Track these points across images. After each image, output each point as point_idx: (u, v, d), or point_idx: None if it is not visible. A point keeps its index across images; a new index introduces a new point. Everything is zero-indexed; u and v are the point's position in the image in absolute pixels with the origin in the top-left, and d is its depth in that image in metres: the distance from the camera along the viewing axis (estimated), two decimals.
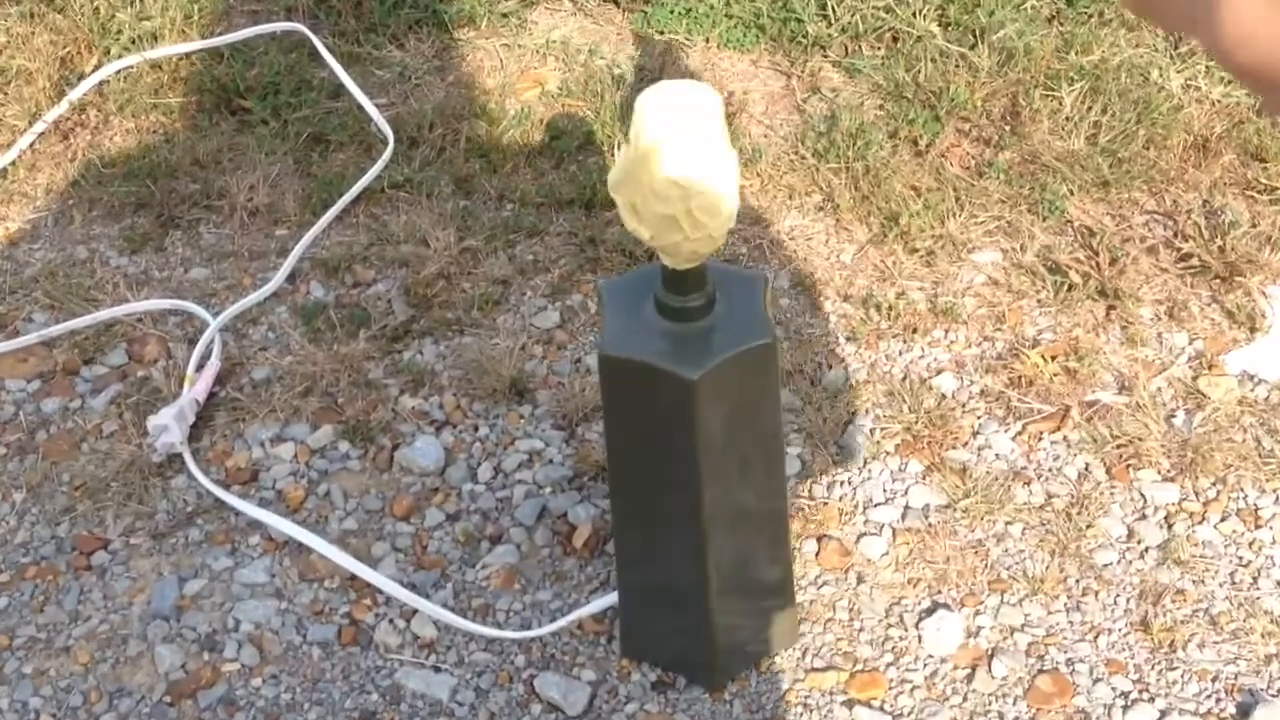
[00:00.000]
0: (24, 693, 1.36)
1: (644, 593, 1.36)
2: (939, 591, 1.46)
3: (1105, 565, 1.48)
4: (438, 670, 1.40)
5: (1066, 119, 2.04)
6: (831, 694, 1.37)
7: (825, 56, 2.22)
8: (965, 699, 1.37)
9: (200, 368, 1.69)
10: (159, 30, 2.28)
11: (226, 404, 1.67)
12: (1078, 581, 1.47)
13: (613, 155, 2.03)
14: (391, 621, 1.44)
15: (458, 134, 2.09)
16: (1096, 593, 1.46)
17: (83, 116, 2.13)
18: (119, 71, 2.19)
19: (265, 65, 2.22)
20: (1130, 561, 1.49)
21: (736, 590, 1.32)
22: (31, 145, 2.07)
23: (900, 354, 1.73)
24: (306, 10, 2.36)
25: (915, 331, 1.76)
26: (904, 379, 1.70)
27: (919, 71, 2.13)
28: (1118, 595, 1.45)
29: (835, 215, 1.94)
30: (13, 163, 2.04)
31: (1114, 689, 1.37)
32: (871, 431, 1.63)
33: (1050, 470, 1.58)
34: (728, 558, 1.27)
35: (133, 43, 2.25)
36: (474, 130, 2.09)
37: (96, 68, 2.20)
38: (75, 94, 2.15)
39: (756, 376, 1.17)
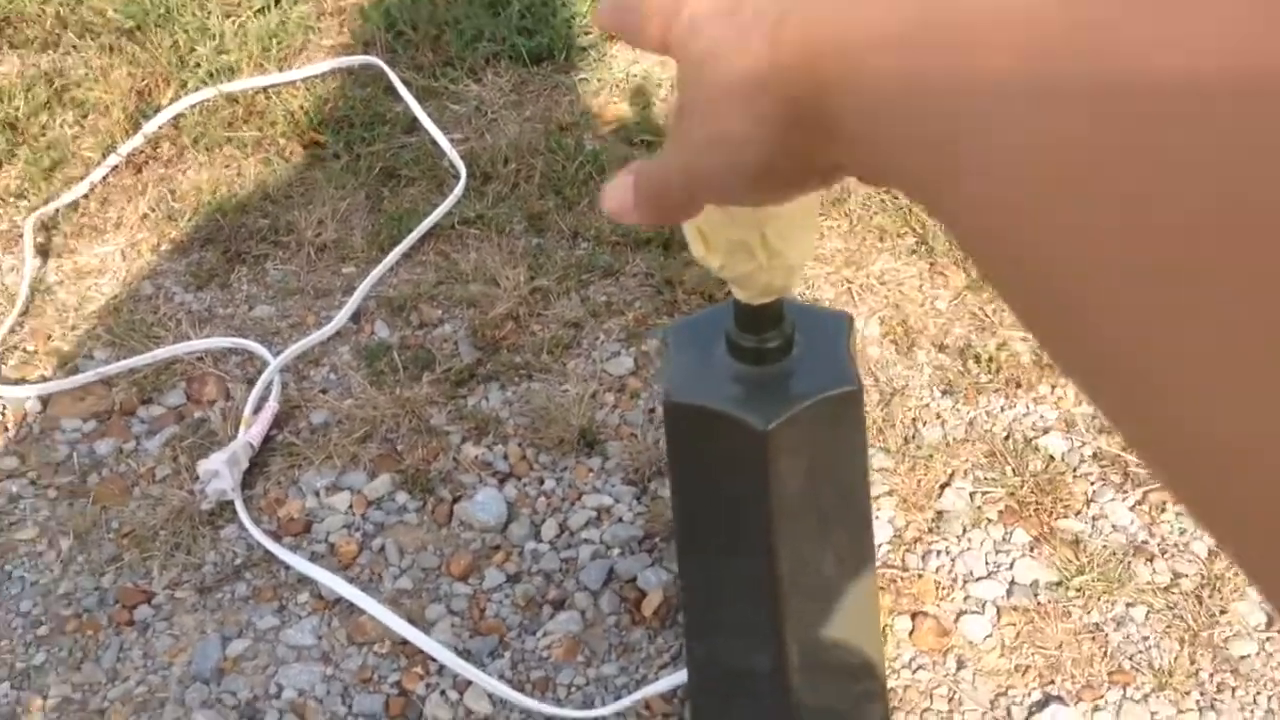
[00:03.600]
0: None
1: (715, 670, 1.23)
2: (1051, 682, 1.31)
3: (1243, 657, 1.32)
4: None
5: None
6: None
7: None
8: None
9: (258, 410, 1.61)
10: (236, 64, 2.24)
11: (283, 448, 1.59)
12: (1211, 676, 1.30)
13: None
14: (444, 693, 1.33)
15: (532, 169, 2.00)
16: (1234, 689, 1.29)
17: (156, 150, 2.09)
18: (194, 105, 2.15)
19: (340, 99, 2.17)
20: (1271, 654, 1.32)
21: (818, 669, 1.19)
22: (104, 178, 2.03)
23: (1002, 410, 1.59)
24: (384, 44, 2.30)
25: (1019, 386, 1.61)
26: (1007, 438, 1.55)
27: None
28: (1258, 693, 1.29)
29: (930, 259, 1.81)
30: (85, 195, 2.00)
31: None
32: (972, 496, 1.49)
33: (1176, 546, 1.42)
34: (807, 632, 1.14)
35: (210, 76, 2.21)
36: (549, 166, 2.01)
37: (173, 101, 2.17)
38: (150, 127, 2.11)
39: (838, 427, 1.04)
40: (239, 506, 1.49)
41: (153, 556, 1.47)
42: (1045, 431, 1.56)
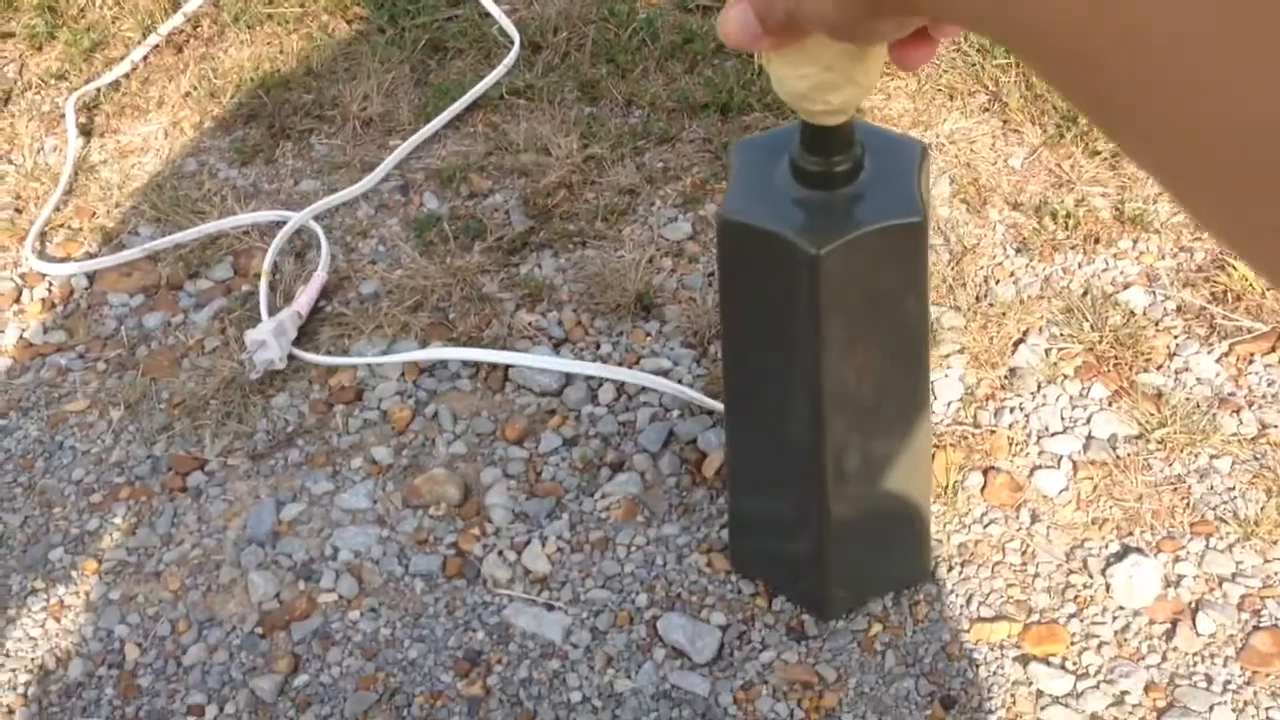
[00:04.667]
0: (110, 619, 1.27)
1: (756, 496, 1.18)
2: (1130, 534, 1.25)
3: None
4: (550, 608, 1.25)
5: None
6: (1003, 648, 1.18)
7: None
8: (1165, 659, 1.16)
9: (307, 280, 1.57)
10: None
11: (332, 319, 1.56)
12: None
13: (752, 58, 1.84)
14: (501, 553, 1.30)
15: (584, 38, 1.93)
16: None
17: (196, 29, 2.04)
18: None
19: None
20: None
21: (861, 506, 1.14)
22: (145, 58, 1.99)
23: (1080, 267, 1.51)
24: None
25: (1098, 242, 1.53)
26: (1085, 294, 1.48)
27: None
28: None
29: (1003, 116, 1.72)
30: (125, 75, 1.96)
31: None
32: (1047, 352, 1.42)
33: (1265, 397, 1.35)
34: (854, 470, 1.09)
35: None
36: (602, 34, 1.93)
37: None
38: (189, 6, 2.06)
39: (899, 260, 0.97)
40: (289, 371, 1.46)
41: (204, 425, 1.45)
42: (1126, 287, 1.48)
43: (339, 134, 1.84)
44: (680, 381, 1.45)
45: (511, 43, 1.92)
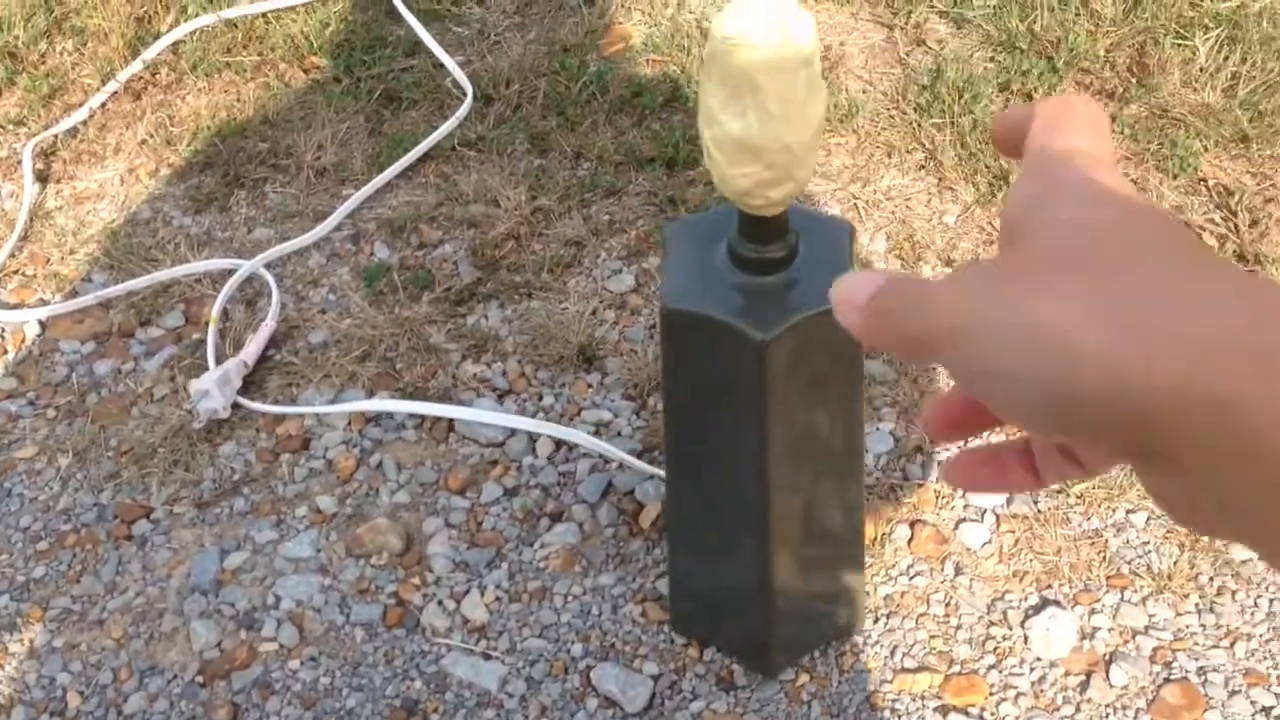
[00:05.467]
0: (53, 667, 1.29)
1: (699, 562, 1.22)
2: (1049, 586, 1.29)
3: (1243, 562, 1.30)
4: (487, 657, 1.28)
5: (1201, 70, 1.84)
6: (924, 698, 1.22)
7: (931, 6, 2.05)
8: (1079, 710, 1.20)
9: (256, 328, 1.60)
10: None
11: (280, 367, 1.58)
12: (1211, 579, 1.29)
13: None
14: (440, 603, 1.33)
15: (535, 91, 1.97)
16: (1234, 592, 1.27)
17: (155, 76, 2.07)
18: (194, 31, 2.12)
19: (340, 23, 2.14)
20: None
21: (801, 568, 1.18)
22: (103, 105, 2.02)
23: None
24: None
25: None
26: None
27: (1035, 20, 1.95)
28: (1258, 596, 1.27)
29: (938, 174, 1.78)
30: (84, 122, 1.99)
31: (1254, 704, 1.19)
32: None
33: None
34: (793, 530, 1.13)
35: (210, 1, 2.18)
36: (553, 87, 1.98)
37: (172, 27, 2.14)
38: (149, 53, 2.09)
39: (837, 340, 1.02)
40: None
41: (151, 473, 1.47)
42: None
43: (293, 183, 1.87)
44: (620, 433, 1.48)
45: (465, 94, 1.97)
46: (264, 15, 2.16)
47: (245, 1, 2.18)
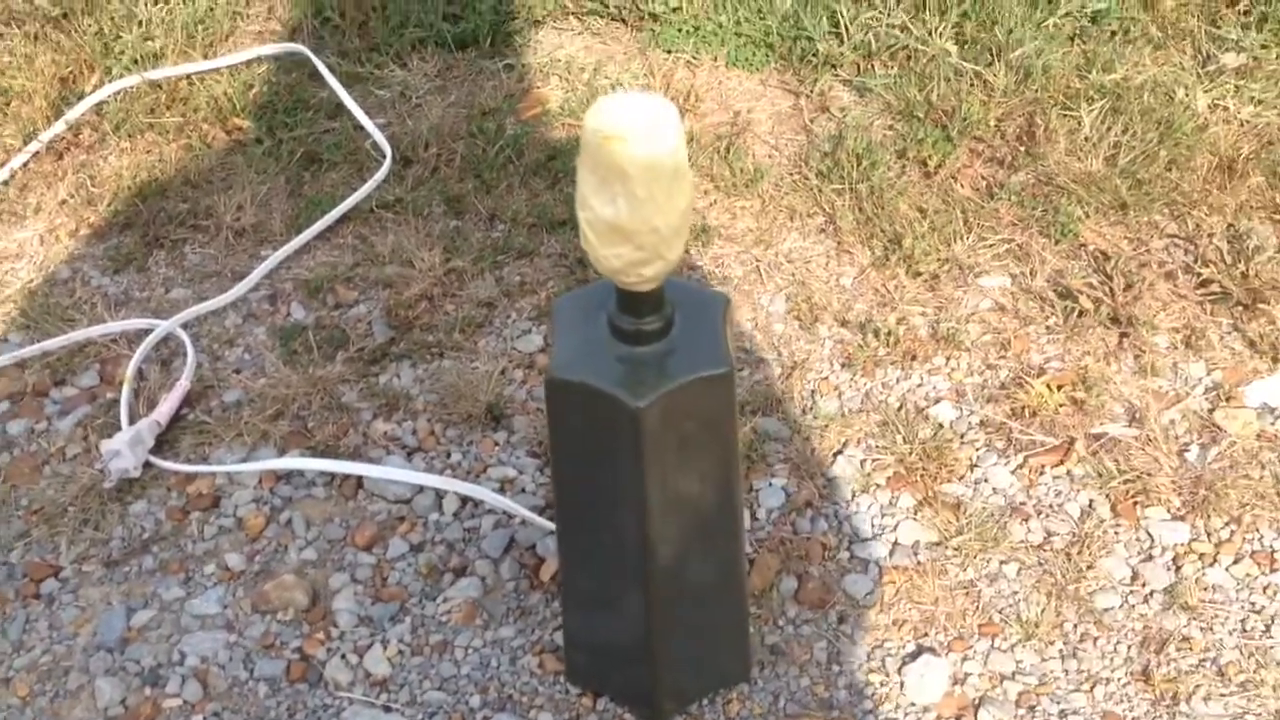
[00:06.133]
0: None
1: (589, 616, 1.28)
2: (925, 635, 1.36)
3: (1106, 609, 1.37)
4: (388, 710, 1.32)
5: (1085, 139, 1.95)
6: None
7: (836, 75, 2.15)
8: None
9: (170, 388, 1.64)
10: (161, 50, 2.26)
11: (193, 427, 1.62)
12: (1075, 626, 1.36)
13: None
14: (344, 657, 1.37)
15: (453, 154, 2.04)
16: (1095, 639, 1.35)
17: (78, 136, 2.11)
18: (118, 92, 2.17)
19: (264, 85, 2.19)
20: (1134, 606, 1.38)
21: (683, 620, 1.24)
22: (25, 165, 2.05)
23: (898, 382, 1.64)
24: (311, 31, 2.33)
25: (915, 359, 1.67)
26: (900, 408, 1.60)
27: (932, 90, 2.05)
28: (1118, 642, 1.35)
29: (837, 238, 1.86)
30: (4, 182, 2.02)
31: None
32: (862, 463, 1.54)
33: (1051, 506, 1.48)
34: (674, 585, 1.19)
35: (135, 63, 2.23)
36: (470, 150, 2.04)
37: (96, 88, 2.18)
38: (72, 114, 2.13)
39: (711, 407, 1.09)
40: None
41: (61, 532, 1.50)
42: (936, 401, 1.61)
43: (212, 243, 1.92)
44: (524, 490, 1.54)
45: (384, 157, 2.03)
46: (188, 77, 2.21)
47: (170, 63, 2.23)
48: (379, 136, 2.06)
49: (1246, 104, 1.99)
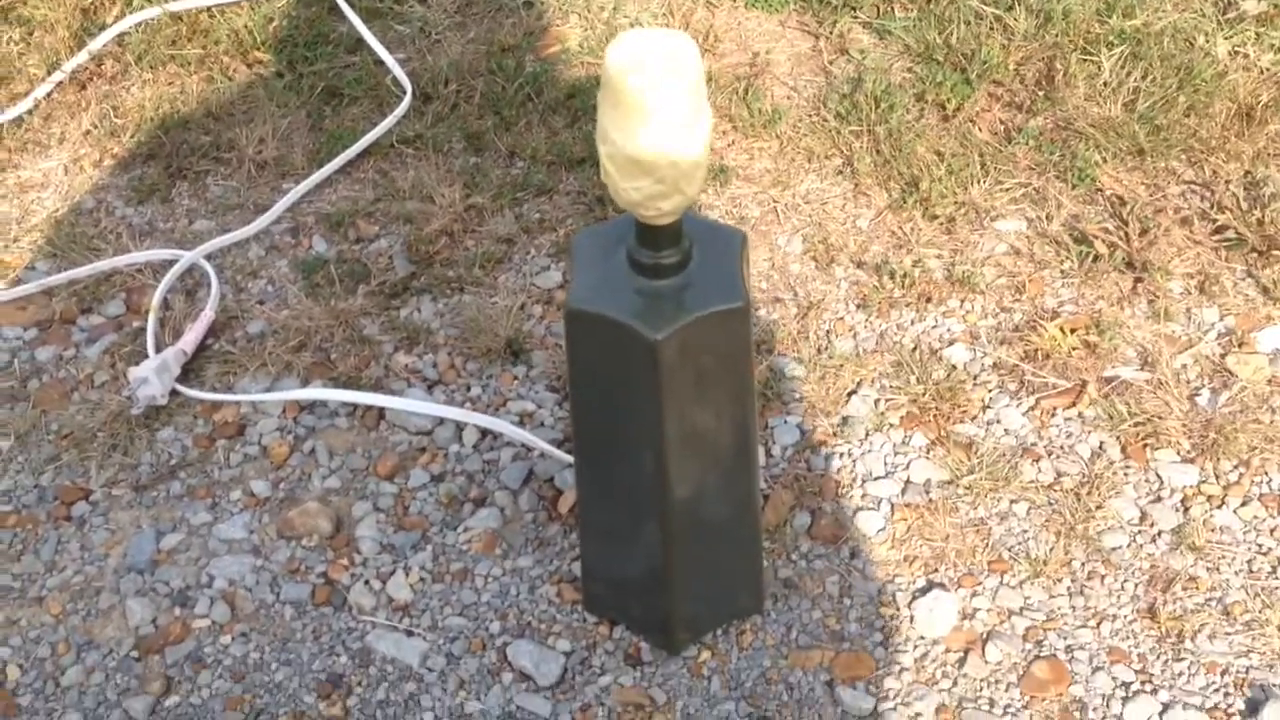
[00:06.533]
0: None
1: (606, 547, 1.31)
2: (935, 570, 1.39)
3: (1114, 549, 1.40)
4: (410, 634, 1.36)
5: (1104, 84, 1.95)
6: (815, 673, 1.31)
7: (855, 17, 2.14)
8: (955, 684, 1.30)
9: (195, 317, 1.66)
10: None
11: (218, 356, 1.65)
12: (1083, 565, 1.39)
13: None
14: (367, 583, 1.41)
15: (473, 90, 2.04)
16: (1103, 577, 1.38)
17: (100, 67, 2.12)
18: (139, 23, 2.17)
19: (284, 19, 2.19)
20: (1141, 545, 1.41)
21: (699, 552, 1.26)
22: (48, 95, 2.06)
23: (912, 323, 1.66)
24: None
25: (929, 301, 1.68)
26: (914, 349, 1.62)
27: (951, 33, 2.04)
28: (1125, 580, 1.38)
29: (854, 179, 1.87)
30: (29, 111, 2.03)
31: (1115, 679, 1.30)
32: (876, 403, 1.56)
33: (1062, 448, 1.50)
34: (690, 518, 1.22)
35: None
36: (490, 87, 2.04)
37: (118, 19, 2.19)
38: (95, 45, 2.13)
39: (726, 340, 1.11)
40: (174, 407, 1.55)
41: (90, 457, 1.53)
42: (950, 343, 1.63)
43: (234, 175, 1.93)
44: (543, 424, 1.56)
45: (404, 92, 2.03)
46: (208, 9, 2.20)
47: None
48: (399, 72, 2.07)
49: (1266, 51, 1.99)
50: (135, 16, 2.17)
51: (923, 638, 1.34)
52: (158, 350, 1.61)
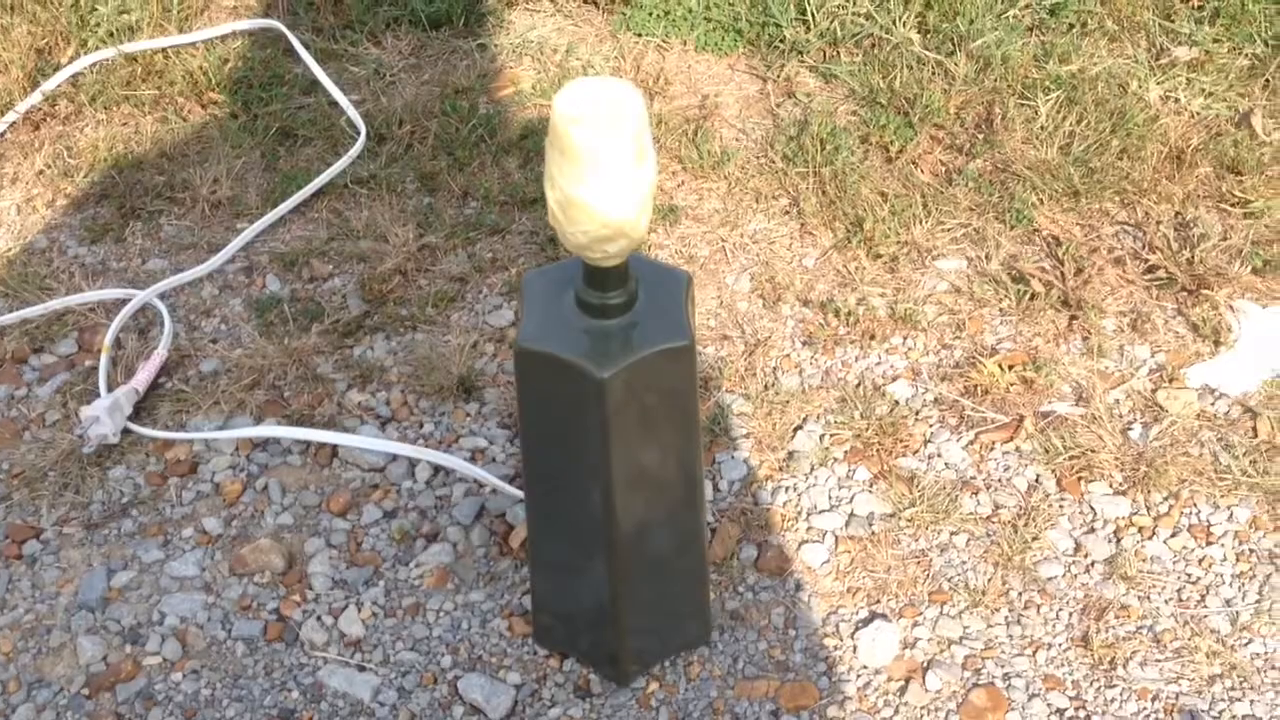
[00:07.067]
0: None
1: (556, 581, 1.33)
2: (878, 601, 1.43)
3: (1050, 579, 1.44)
4: (362, 669, 1.37)
5: (1041, 128, 2.01)
6: (761, 703, 1.34)
7: (802, 61, 2.20)
8: (897, 712, 1.33)
9: (147, 357, 1.67)
10: (137, 23, 2.28)
11: (171, 395, 1.66)
12: (1020, 594, 1.43)
13: None
14: (319, 618, 1.42)
15: (426, 131, 2.08)
16: (1039, 606, 1.42)
17: (54, 108, 2.13)
18: (94, 64, 2.19)
19: (239, 60, 2.22)
20: (1075, 575, 1.45)
21: (645, 585, 1.29)
22: (1, 134, 2.07)
23: (856, 360, 1.70)
24: (286, 7, 2.35)
25: (873, 338, 1.73)
26: (858, 385, 1.67)
27: (895, 78, 2.10)
28: (1060, 609, 1.42)
29: (800, 219, 1.92)
30: None
31: (1050, 706, 1.33)
32: (821, 438, 1.60)
33: (1000, 480, 1.55)
34: (638, 552, 1.25)
35: (110, 35, 2.24)
36: (443, 128, 2.08)
37: (72, 59, 2.20)
38: (49, 85, 2.14)
39: (672, 378, 1.14)
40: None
41: (42, 495, 1.54)
42: (893, 379, 1.68)
43: (188, 215, 1.95)
44: (495, 460, 1.59)
45: (358, 133, 2.06)
46: (164, 50, 2.23)
47: (145, 36, 2.25)
48: (353, 113, 2.10)
49: (1197, 96, 2.06)
50: (90, 57, 2.19)
51: (865, 667, 1.37)
52: (110, 389, 1.62)
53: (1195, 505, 1.51)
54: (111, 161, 2.01)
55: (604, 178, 0.99)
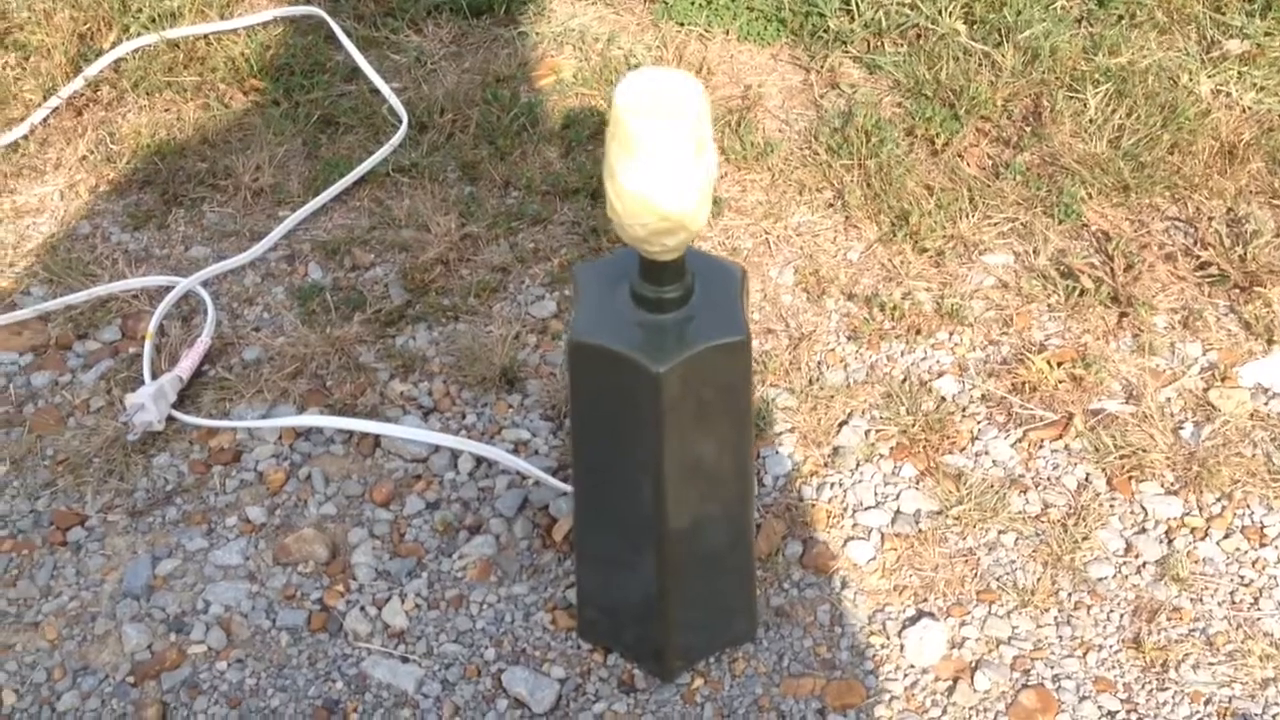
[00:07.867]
0: None
1: (602, 575, 1.32)
2: (925, 600, 1.41)
3: (1100, 579, 1.42)
4: (405, 660, 1.37)
5: (1090, 121, 1.99)
6: (807, 701, 1.33)
7: (846, 52, 2.18)
8: (944, 712, 1.32)
9: (191, 344, 1.67)
10: (179, 9, 2.28)
11: (215, 383, 1.66)
12: (1070, 595, 1.41)
13: None
14: (363, 609, 1.42)
15: (468, 120, 2.07)
16: (1089, 607, 1.40)
17: (97, 93, 2.13)
18: (136, 50, 2.19)
19: (281, 47, 2.22)
20: (1126, 576, 1.43)
21: (693, 580, 1.28)
22: (44, 120, 2.08)
23: (902, 355, 1.68)
24: None
25: (919, 333, 1.71)
26: (904, 381, 1.65)
27: (941, 69, 2.08)
28: (1111, 611, 1.40)
29: (845, 212, 1.90)
30: (25, 137, 2.04)
31: (1101, 708, 1.32)
32: (866, 433, 1.58)
33: (1049, 479, 1.53)
34: (687, 547, 1.24)
35: (152, 21, 2.25)
36: (485, 117, 2.07)
37: (114, 45, 2.20)
38: (91, 70, 2.15)
39: (727, 373, 1.13)
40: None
41: (86, 482, 1.54)
42: (939, 375, 1.66)
43: (230, 203, 1.95)
44: (538, 452, 1.58)
45: (400, 121, 2.05)
46: (205, 37, 2.23)
47: (187, 22, 2.25)
48: (395, 101, 2.09)
49: (1249, 90, 2.03)
50: (132, 43, 2.19)
51: (912, 666, 1.35)
52: (154, 376, 1.63)
53: (1248, 506, 1.49)
54: (154, 148, 2.02)
55: (664, 170, 0.98)
